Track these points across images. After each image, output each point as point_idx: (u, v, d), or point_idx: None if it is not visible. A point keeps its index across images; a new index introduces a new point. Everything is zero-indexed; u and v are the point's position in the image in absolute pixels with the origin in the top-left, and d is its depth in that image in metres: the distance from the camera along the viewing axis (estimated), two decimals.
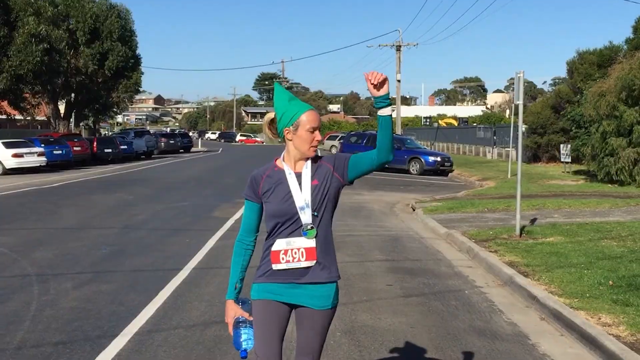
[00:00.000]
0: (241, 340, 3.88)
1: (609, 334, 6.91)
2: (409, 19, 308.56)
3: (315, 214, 3.83)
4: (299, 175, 3.89)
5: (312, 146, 3.87)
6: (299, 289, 3.87)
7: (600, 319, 7.50)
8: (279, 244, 3.84)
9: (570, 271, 9.86)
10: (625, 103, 23.49)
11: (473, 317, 8.05)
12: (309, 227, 3.81)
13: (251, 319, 3.92)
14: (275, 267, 3.84)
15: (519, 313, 8.29)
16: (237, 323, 3.93)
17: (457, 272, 10.66)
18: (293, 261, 3.82)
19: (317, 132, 3.87)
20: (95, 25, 46.80)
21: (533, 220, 15.12)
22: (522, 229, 13.40)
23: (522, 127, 13.44)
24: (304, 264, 3.82)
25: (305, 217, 3.82)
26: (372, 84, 3.66)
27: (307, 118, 3.84)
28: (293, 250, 3.82)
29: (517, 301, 8.88)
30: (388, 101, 3.69)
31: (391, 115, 3.73)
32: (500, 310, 8.38)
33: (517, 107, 13.37)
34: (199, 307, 8.24)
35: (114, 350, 6.56)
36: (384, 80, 3.66)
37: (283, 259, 3.82)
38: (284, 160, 3.96)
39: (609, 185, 24.12)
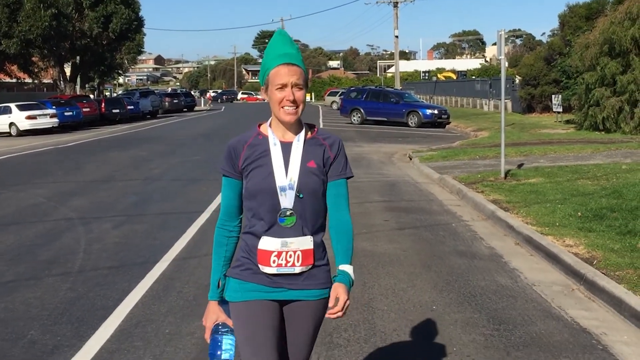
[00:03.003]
0: (219, 352, 3.29)
1: (569, 252, 8.27)
2: None
3: (300, 195, 3.17)
4: (286, 147, 3.22)
5: (282, 107, 3.15)
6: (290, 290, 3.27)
7: (564, 241, 8.84)
8: (273, 244, 3.17)
9: (545, 206, 11.20)
10: (609, 55, 24.77)
11: (457, 243, 9.45)
12: (287, 212, 3.16)
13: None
14: (262, 269, 3.19)
15: (497, 240, 9.67)
16: (217, 329, 3.33)
17: (446, 210, 12.04)
18: (286, 265, 3.17)
19: (287, 90, 3.15)
20: None
21: (520, 165, 16.45)
22: (507, 172, 14.77)
23: (504, 80, 14.75)
24: (299, 269, 3.19)
25: (286, 200, 3.16)
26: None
27: (274, 73, 3.17)
28: (288, 253, 3.16)
29: (496, 231, 10.25)
30: (346, 275, 3.25)
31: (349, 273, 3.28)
32: (481, 238, 9.77)
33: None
34: None
35: (159, 271, 8.00)
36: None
37: (274, 262, 3.17)
38: (270, 125, 3.28)
39: (596, 132, 25.47)
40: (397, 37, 57.42)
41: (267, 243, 3.17)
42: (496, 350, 5.55)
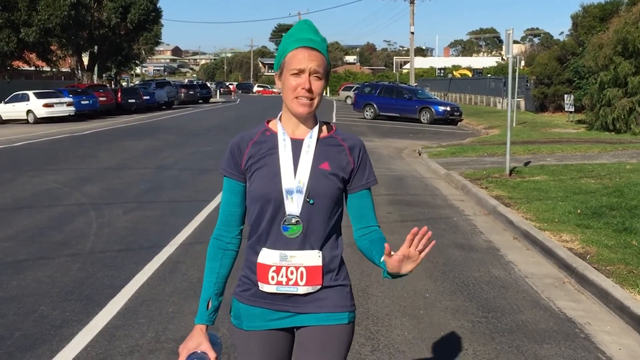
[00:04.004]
0: None
1: (564, 247, 8.51)
2: None
3: (311, 200, 2.69)
4: (297, 144, 2.75)
5: (297, 97, 2.67)
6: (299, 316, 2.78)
7: (561, 237, 9.08)
8: (270, 257, 2.71)
9: (546, 203, 11.43)
10: (622, 55, 24.94)
11: (457, 236, 9.71)
12: (293, 220, 2.69)
13: None
14: (262, 287, 2.73)
15: (496, 234, 9.92)
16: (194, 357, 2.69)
17: (450, 204, 12.29)
18: (287, 284, 2.69)
19: (304, 77, 2.66)
20: None
21: (526, 163, 16.68)
22: (512, 169, 15.01)
23: (511, 79, 14.93)
24: (303, 289, 2.70)
25: (292, 205, 2.69)
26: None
27: (291, 56, 2.69)
28: (289, 269, 2.69)
29: (496, 226, 10.50)
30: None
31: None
32: (481, 232, 10.02)
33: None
34: None
35: (166, 255, 8.32)
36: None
37: (273, 278, 2.69)
38: (280, 120, 2.81)
39: (607, 133, 25.62)
40: (412, 33, 57.59)
41: (265, 256, 2.72)
42: (481, 335, 5.82)
